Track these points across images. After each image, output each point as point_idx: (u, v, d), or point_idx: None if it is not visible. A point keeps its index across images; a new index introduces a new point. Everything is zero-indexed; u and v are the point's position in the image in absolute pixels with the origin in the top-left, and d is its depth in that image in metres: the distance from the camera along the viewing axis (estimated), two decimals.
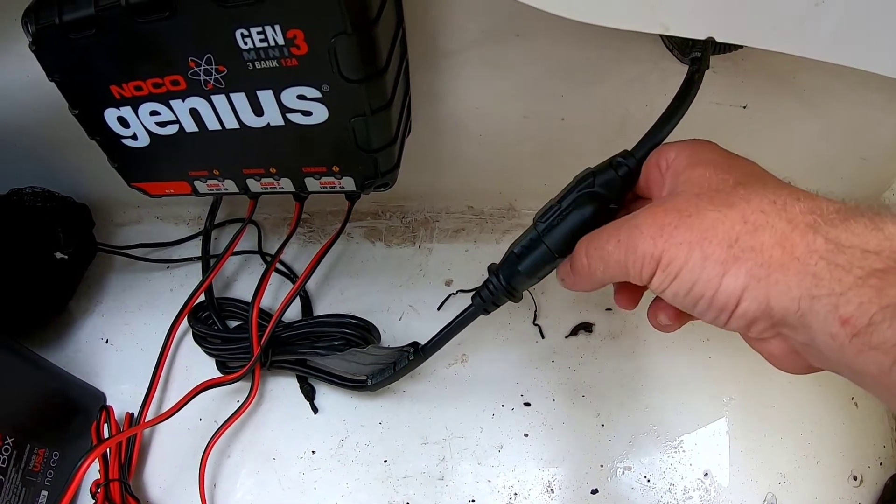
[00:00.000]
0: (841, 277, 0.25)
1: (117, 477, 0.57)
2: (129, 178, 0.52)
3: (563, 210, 0.38)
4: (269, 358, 0.60)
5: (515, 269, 0.41)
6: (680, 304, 0.32)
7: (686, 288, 0.30)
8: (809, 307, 0.26)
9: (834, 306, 0.25)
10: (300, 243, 0.72)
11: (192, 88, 0.42)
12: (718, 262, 0.29)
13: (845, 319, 0.25)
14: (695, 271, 0.30)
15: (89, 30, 0.39)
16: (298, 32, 0.37)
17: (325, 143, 0.45)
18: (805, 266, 0.26)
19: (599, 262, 0.34)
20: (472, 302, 0.47)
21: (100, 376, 0.66)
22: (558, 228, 0.39)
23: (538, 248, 0.40)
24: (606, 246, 0.34)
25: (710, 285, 0.29)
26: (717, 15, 0.33)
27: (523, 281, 0.42)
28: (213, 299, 0.64)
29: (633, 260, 0.32)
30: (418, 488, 0.59)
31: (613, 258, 0.33)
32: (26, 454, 0.54)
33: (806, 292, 0.26)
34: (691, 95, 0.37)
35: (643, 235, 0.31)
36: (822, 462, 0.59)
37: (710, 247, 0.29)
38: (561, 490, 0.59)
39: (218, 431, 0.59)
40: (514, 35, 0.49)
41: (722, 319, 0.30)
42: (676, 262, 0.30)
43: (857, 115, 0.55)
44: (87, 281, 0.72)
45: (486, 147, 0.61)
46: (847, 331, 0.25)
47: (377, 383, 0.58)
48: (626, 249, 0.32)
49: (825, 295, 0.25)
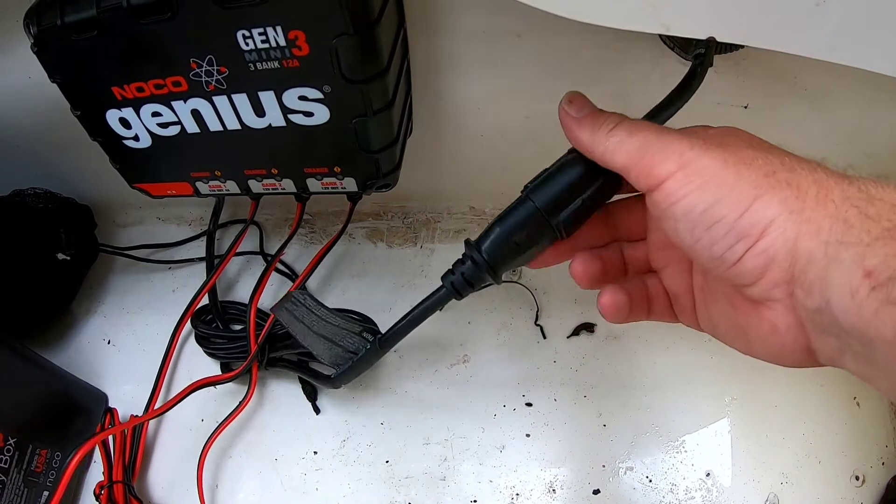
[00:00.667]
0: (870, 228, 0.24)
1: (121, 479, 0.57)
2: (131, 179, 0.52)
3: (553, 168, 0.35)
4: (265, 355, 0.60)
5: (496, 232, 0.35)
6: (688, 223, 0.28)
7: (707, 202, 0.27)
8: (836, 255, 0.24)
9: (860, 256, 0.24)
10: (302, 244, 0.72)
11: (193, 89, 0.42)
12: (752, 185, 0.27)
13: (869, 271, 0.23)
14: (723, 186, 0.27)
15: (91, 31, 0.39)
16: (300, 33, 0.37)
17: (327, 143, 0.45)
18: (838, 210, 0.25)
19: (622, 132, 0.31)
20: (442, 282, 0.38)
21: (102, 377, 0.66)
22: (548, 185, 0.34)
23: (522, 206, 0.34)
24: (643, 126, 0.31)
25: (737, 206, 0.27)
26: (718, 15, 0.33)
27: (505, 248, 0.35)
28: (216, 302, 0.64)
29: (658, 149, 0.29)
30: (420, 489, 0.59)
31: (638, 137, 0.30)
32: (28, 455, 0.54)
33: (835, 238, 0.25)
34: (693, 87, 0.37)
35: (679, 137, 0.29)
36: (824, 462, 0.59)
37: (747, 171, 0.27)
38: (563, 490, 0.59)
39: (216, 431, 0.59)
40: (516, 35, 0.49)
41: (737, 252, 0.27)
42: (707, 171, 0.28)
43: (859, 114, 0.55)
44: (90, 282, 0.72)
45: (488, 147, 0.61)
46: (868, 283, 0.23)
47: (339, 376, 0.53)
48: (659, 138, 0.29)
49: (853, 243, 0.24)
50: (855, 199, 0.25)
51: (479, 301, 0.67)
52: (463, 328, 0.65)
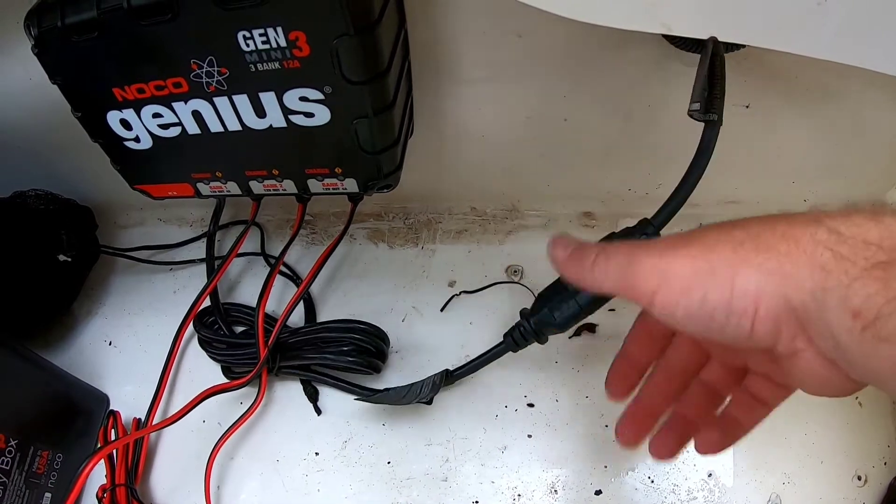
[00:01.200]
0: (847, 269, 0.25)
1: (123, 482, 0.57)
2: (132, 181, 0.52)
3: None
4: (276, 363, 0.60)
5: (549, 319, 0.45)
6: (695, 323, 0.29)
7: (697, 300, 0.29)
8: (823, 301, 0.25)
9: (844, 298, 0.24)
10: (303, 245, 0.72)
11: (194, 90, 0.42)
12: (727, 265, 0.28)
13: (856, 312, 0.24)
14: (703, 278, 0.28)
15: (91, 32, 0.39)
16: (300, 34, 0.37)
17: (328, 144, 0.45)
18: (812, 258, 0.26)
19: (602, 264, 0.33)
20: (504, 339, 0.51)
21: (103, 378, 0.66)
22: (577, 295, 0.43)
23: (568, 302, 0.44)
24: (616, 254, 0.33)
25: (723, 291, 0.28)
26: (719, 14, 0.33)
27: (553, 331, 0.47)
28: (218, 304, 0.64)
29: (636, 271, 0.31)
30: (422, 490, 0.59)
31: (613, 264, 0.32)
32: (30, 456, 0.54)
33: (818, 285, 0.25)
34: (709, 152, 0.38)
35: (650, 250, 0.31)
36: (826, 462, 0.59)
37: (714, 255, 0.28)
38: (565, 491, 0.59)
39: (224, 436, 0.59)
40: (517, 36, 0.49)
41: (745, 328, 0.28)
42: (683, 272, 0.29)
43: (861, 114, 0.55)
44: (91, 283, 0.72)
45: (489, 148, 0.61)
46: (859, 324, 0.24)
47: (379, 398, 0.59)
48: (631, 260, 0.31)
49: (834, 287, 0.25)
50: (825, 242, 0.26)
51: (481, 302, 0.67)
52: (464, 329, 0.65)
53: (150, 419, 0.61)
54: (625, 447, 0.42)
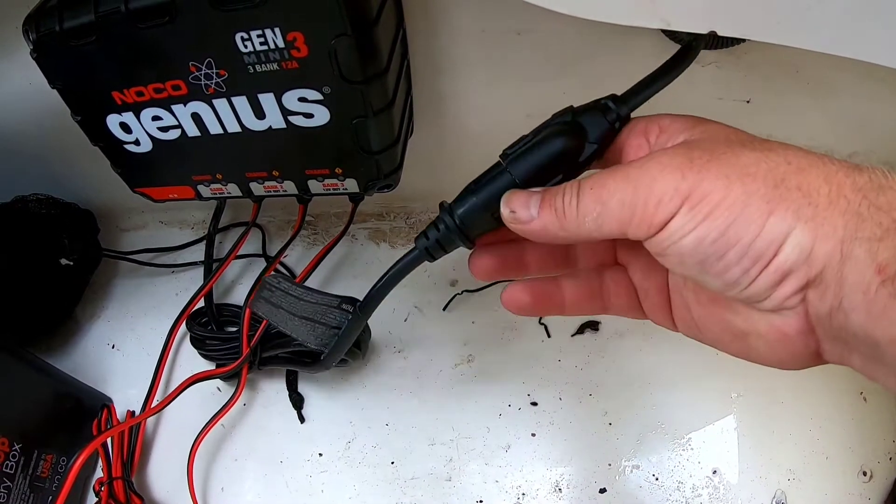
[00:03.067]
0: (881, 220, 0.23)
1: (120, 475, 0.57)
2: (133, 184, 0.52)
3: (533, 138, 0.33)
4: (258, 356, 0.60)
5: (470, 199, 0.34)
6: (697, 256, 0.26)
7: (719, 230, 0.25)
8: (850, 252, 0.23)
9: (872, 251, 0.23)
10: (304, 245, 0.72)
11: (193, 93, 0.42)
12: (764, 200, 0.25)
13: (881, 266, 0.22)
14: (735, 208, 0.25)
15: (90, 36, 0.39)
16: (298, 35, 0.37)
17: (328, 145, 0.45)
18: (850, 204, 0.24)
19: (594, 204, 0.28)
20: (416, 244, 0.38)
21: (107, 381, 0.66)
22: (526, 156, 0.33)
23: (500, 177, 0.33)
24: (608, 181, 0.28)
25: (752, 227, 0.25)
26: (718, 8, 0.33)
27: (477, 216, 0.34)
28: (211, 304, 0.65)
29: (648, 198, 0.26)
30: (426, 489, 0.59)
31: (616, 198, 0.27)
32: (34, 460, 0.54)
33: (850, 234, 0.23)
34: (689, 58, 0.35)
35: (665, 169, 0.26)
36: (831, 458, 0.59)
37: (754, 183, 0.25)
38: (569, 489, 0.59)
39: (204, 429, 0.60)
40: (516, 33, 0.49)
41: (751, 275, 0.25)
42: (713, 196, 0.25)
43: (863, 107, 0.55)
44: (93, 287, 0.72)
45: (490, 146, 0.60)
46: (879, 278, 0.22)
47: (329, 356, 0.52)
48: (638, 185, 0.27)
49: (866, 238, 0.23)
50: (865, 190, 0.24)
51: (483, 300, 0.66)
52: (467, 328, 0.65)
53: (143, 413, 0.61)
54: None
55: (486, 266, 0.37)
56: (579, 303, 0.37)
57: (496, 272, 0.37)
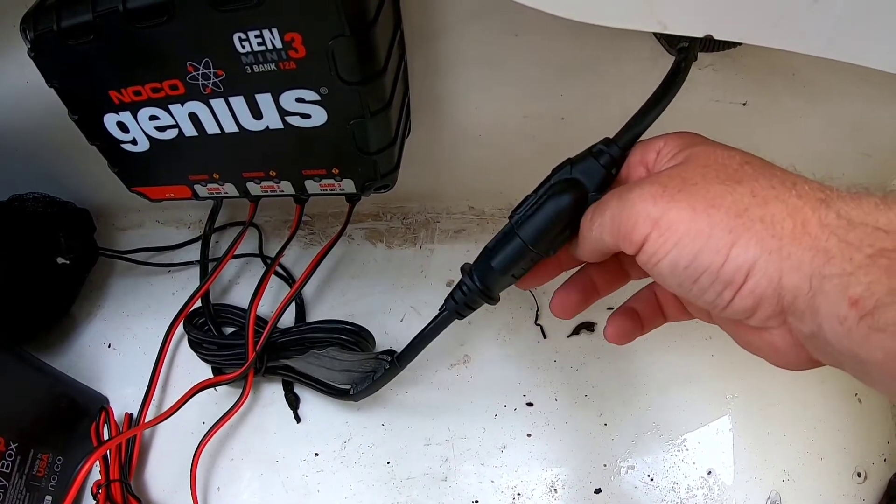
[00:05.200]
0: (852, 256, 0.24)
1: (118, 477, 0.57)
2: (130, 183, 0.52)
3: (538, 199, 0.36)
4: (264, 364, 0.60)
5: (489, 265, 0.38)
6: (676, 278, 0.28)
7: (688, 258, 0.27)
8: (820, 287, 0.24)
9: (844, 286, 0.24)
10: (301, 245, 0.72)
11: (190, 93, 0.42)
12: (726, 231, 0.26)
13: (854, 300, 0.23)
14: (699, 238, 0.27)
15: (87, 36, 0.39)
16: (296, 35, 0.37)
17: (325, 145, 0.45)
18: (817, 241, 0.25)
19: (597, 216, 0.32)
20: (445, 306, 0.43)
21: (102, 380, 0.66)
22: (533, 219, 0.35)
23: (512, 242, 0.36)
24: (608, 199, 0.31)
25: (717, 256, 0.26)
26: (715, 12, 0.33)
27: (497, 279, 0.38)
28: (209, 305, 0.64)
29: (628, 217, 0.29)
30: (422, 490, 0.59)
31: (608, 214, 0.31)
32: (30, 459, 0.54)
33: (817, 270, 0.25)
34: (677, 84, 0.36)
35: (643, 193, 0.29)
36: (825, 459, 0.59)
37: (718, 214, 0.27)
38: (564, 490, 0.59)
39: (208, 434, 0.60)
40: (513, 35, 0.49)
41: (725, 298, 0.27)
42: (678, 226, 0.27)
43: (858, 110, 0.55)
44: (90, 285, 0.72)
45: (487, 147, 0.61)
46: (855, 312, 0.23)
47: (359, 392, 0.57)
48: (622, 206, 0.30)
49: (836, 274, 0.24)
50: (834, 227, 0.25)
51: None
52: (463, 328, 0.65)
53: (142, 416, 0.62)
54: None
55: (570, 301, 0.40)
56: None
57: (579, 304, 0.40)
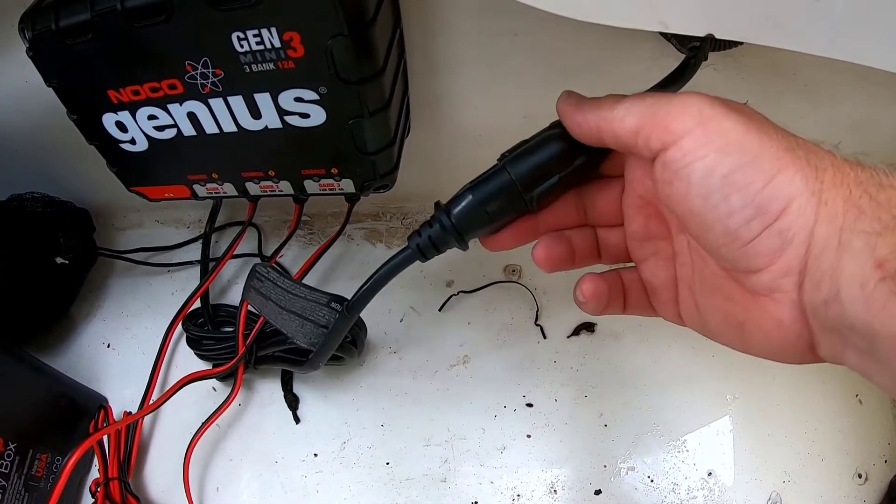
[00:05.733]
0: (880, 215, 0.23)
1: (116, 475, 0.57)
2: (129, 183, 0.52)
3: (533, 141, 0.34)
4: (253, 356, 0.60)
5: (466, 197, 0.34)
6: (705, 188, 0.26)
7: (729, 167, 0.25)
8: (849, 242, 0.24)
9: (871, 246, 0.23)
10: (301, 245, 0.72)
11: (189, 92, 0.42)
12: (775, 157, 0.25)
13: (880, 262, 0.22)
14: (747, 153, 0.25)
15: (85, 35, 0.39)
16: (295, 35, 0.37)
17: (324, 145, 0.45)
18: (852, 196, 0.24)
19: (634, 98, 0.29)
20: (409, 242, 0.37)
21: (102, 381, 0.66)
22: (524, 157, 0.33)
23: (498, 175, 0.33)
24: (645, 95, 0.29)
25: (760, 177, 0.25)
26: (716, 12, 0.33)
27: (474, 215, 0.34)
28: (207, 304, 0.64)
29: (673, 106, 0.27)
30: (421, 490, 0.59)
31: (650, 100, 0.28)
32: (29, 459, 0.54)
33: (849, 224, 0.24)
34: (685, 79, 0.36)
35: (699, 94, 0.27)
36: (826, 460, 0.59)
37: (769, 141, 0.25)
38: (564, 491, 0.59)
39: (201, 429, 0.59)
40: (513, 34, 0.49)
41: (753, 229, 0.25)
42: (729, 134, 0.26)
43: (860, 110, 0.55)
44: (89, 286, 0.72)
45: (486, 147, 0.60)
46: (879, 274, 0.22)
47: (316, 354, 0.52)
48: (672, 97, 0.27)
49: (865, 231, 0.23)
50: (867, 184, 0.24)
51: (479, 301, 0.66)
52: (463, 329, 0.65)
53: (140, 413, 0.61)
54: None
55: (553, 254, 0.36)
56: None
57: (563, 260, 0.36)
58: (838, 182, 0.25)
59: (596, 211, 0.36)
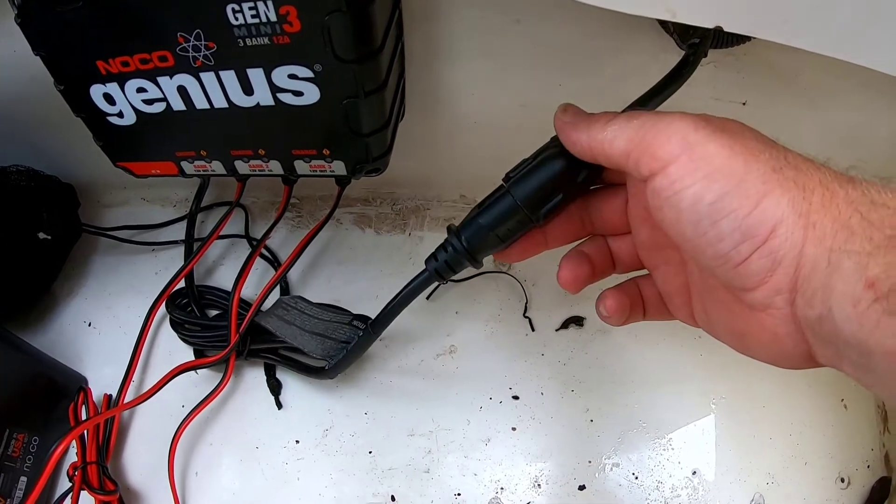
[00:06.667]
0: (872, 235, 0.23)
1: (95, 460, 0.56)
2: (115, 157, 0.51)
3: (534, 161, 0.35)
4: (246, 346, 0.59)
5: (476, 222, 0.36)
6: (694, 215, 0.27)
7: (716, 194, 0.26)
8: (838, 264, 0.24)
9: (862, 266, 0.23)
10: (288, 228, 0.71)
11: (180, 65, 0.41)
12: (761, 180, 0.25)
13: (871, 282, 0.22)
14: (733, 178, 0.25)
15: (76, 2, 0.38)
16: (291, 9, 0.36)
17: (316, 125, 0.44)
18: (842, 215, 0.24)
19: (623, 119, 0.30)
20: (426, 266, 0.41)
21: (82, 360, 0.65)
22: (527, 179, 0.35)
23: (502, 200, 0.35)
24: (640, 113, 0.29)
25: (747, 202, 0.25)
26: (726, 3, 0.32)
27: (483, 238, 0.37)
28: (192, 286, 0.63)
29: (661, 131, 0.27)
30: (403, 480, 0.59)
31: (638, 122, 0.29)
32: (5, 439, 0.53)
33: (839, 245, 0.24)
34: (684, 76, 0.36)
35: (685, 117, 0.27)
36: (810, 463, 0.59)
37: (755, 163, 0.26)
38: (548, 485, 0.58)
39: (187, 418, 0.59)
40: (514, 21, 0.48)
41: (742, 252, 0.26)
42: (714, 159, 0.26)
43: (858, 116, 0.54)
44: (72, 262, 0.71)
45: (481, 135, 0.60)
46: (871, 294, 0.22)
47: (335, 366, 0.55)
48: (658, 120, 0.28)
49: (855, 252, 0.23)
50: (857, 204, 0.24)
51: (468, 291, 0.66)
52: (450, 318, 0.65)
53: (121, 397, 0.60)
54: None
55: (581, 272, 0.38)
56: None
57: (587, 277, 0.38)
58: (827, 202, 0.25)
59: (603, 220, 0.38)
